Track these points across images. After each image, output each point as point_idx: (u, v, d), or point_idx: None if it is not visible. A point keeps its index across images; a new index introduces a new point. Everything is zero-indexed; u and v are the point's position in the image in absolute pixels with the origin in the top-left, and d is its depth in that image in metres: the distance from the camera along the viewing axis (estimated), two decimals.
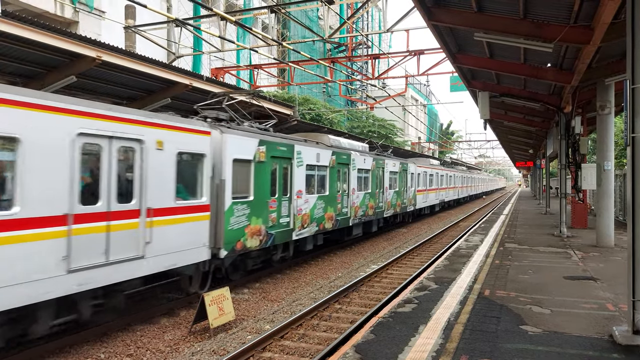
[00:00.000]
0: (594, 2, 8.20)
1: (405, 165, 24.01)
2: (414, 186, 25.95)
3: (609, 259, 11.36)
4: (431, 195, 30.52)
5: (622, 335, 5.65)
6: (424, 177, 28.46)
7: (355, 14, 20.70)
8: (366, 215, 18.13)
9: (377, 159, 19.42)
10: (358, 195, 17.12)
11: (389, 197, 21.01)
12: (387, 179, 20.67)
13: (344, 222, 16.17)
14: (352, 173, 16.56)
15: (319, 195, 14.31)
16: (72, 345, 7.33)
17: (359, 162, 17.24)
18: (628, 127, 5.59)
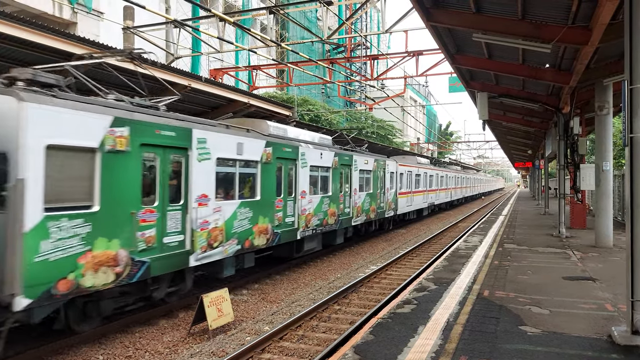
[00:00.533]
0: (592, 3, 8.22)
1: (382, 163, 20.43)
2: (395, 187, 22.58)
3: (608, 260, 11.37)
4: (417, 198, 27.20)
5: (621, 335, 5.65)
6: (408, 177, 25.26)
7: (353, 15, 20.71)
8: (325, 224, 14.53)
9: (342, 155, 15.89)
10: (311, 200, 13.70)
11: (359, 201, 17.46)
12: (356, 179, 17.20)
13: (289, 235, 12.41)
14: (301, 171, 13.01)
15: (243, 202, 10.36)
16: (70, 347, 7.31)
17: (312, 157, 13.71)
18: (626, 128, 5.59)
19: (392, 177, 22.09)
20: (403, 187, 24.01)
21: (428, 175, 30.17)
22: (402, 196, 23.81)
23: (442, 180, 35.08)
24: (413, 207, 26.57)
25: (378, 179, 19.82)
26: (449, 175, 38.34)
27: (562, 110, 15.46)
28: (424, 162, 31.25)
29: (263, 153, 11.21)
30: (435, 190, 32.75)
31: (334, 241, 15.90)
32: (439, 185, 33.79)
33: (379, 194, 19.91)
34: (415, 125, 62.12)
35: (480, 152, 74.75)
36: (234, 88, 14.05)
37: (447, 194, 37.85)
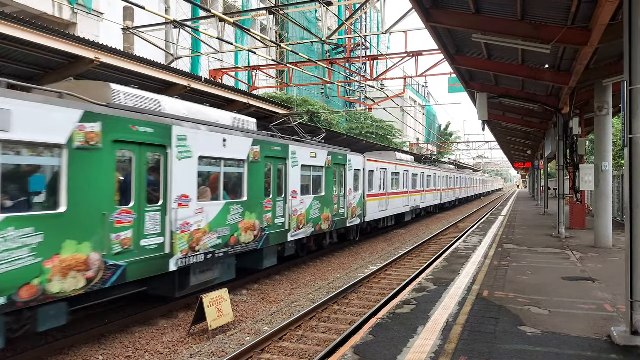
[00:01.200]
0: (592, 4, 8.23)
1: (341, 157, 16.07)
2: (362, 189, 18.28)
3: (607, 260, 11.38)
4: (395, 202, 22.82)
5: (620, 335, 5.66)
6: (382, 176, 20.97)
7: (353, 15, 20.71)
8: (233, 244, 10.02)
9: (267, 144, 11.44)
10: (207, 209, 9.28)
11: (302, 208, 13.05)
12: (295, 178, 12.77)
13: (151, 268, 8.12)
14: (175, 168, 8.55)
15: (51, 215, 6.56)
16: (70, 347, 7.31)
17: (207, 146, 9.37)
18: (626, 128, 5.60)
19: (358, 176, 17.98)
20: (374, 187, 19.68)
21: (410, 174, 25.87)
22: (372, 199, 19.43)
23: (429, 180, 30.77)
24: (389, 212, 21.91)
25: (334, 178, 15.49)
26: (438, 174, 34.05)
27: (561, 110, 15.48)
28: (407, 158, 26.91)
29: None
30: (421, 191, 28.34)
31: (257, 264, 11.56)
32: (425, 185, 29.45)
33: (336, 197, 15.55)
34: (415, 125, 62.16)
35: (479, 153, 74.77)
36: (233, 88, 14.08)
37: (436, 196, 33.47)
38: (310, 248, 14.71)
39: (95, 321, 8.33)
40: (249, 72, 24.83)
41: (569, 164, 16.43)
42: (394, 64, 20.74)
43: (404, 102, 51.06)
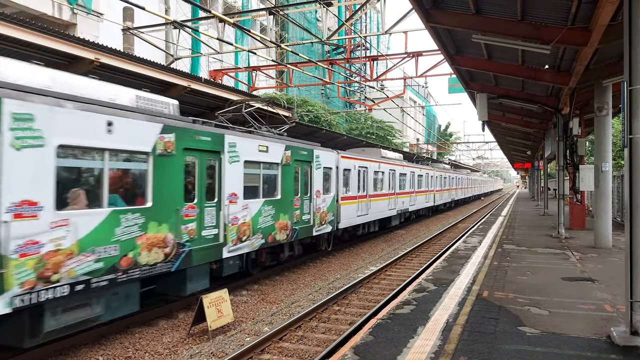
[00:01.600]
0: (592, 4, 8.24)
1: (305, 153, 13.46)
2: (335, 190, 15.67)
3: (607, 260, 11.38)
4: (378, 205, 19.96)
5: (620, 336, 5.66)
6: (362, 175, 18.23)
7: (353, 16, 20.72)
8: (129, 268, 7.57)
9: (188, 133, 8.90)
10: (67, 221, 6.65)
11: (245, 215, 10.53)
12: (234, 177, 10.24)
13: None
14: (32, 162, 6.26)
15: None
16: (70, 347, 7.31)
17: (92, 133, 7.07)
18: (625, 129, 5.61)
19: (330, 176, 15.41)
20: (350, 189, 17.05)
21: (397, 173, 23.04)
22: (349, 202, 16.70)
23: (420, 180, 28.11)
24: (371, 217, 19.21)
25: (296, 177, 12.92)
26: (431, 174, 31.17)
27: (561, 111, 15.49)
28: (394, 156, 24.29)
29: None
30: (410, 193, 25.68)
31: (177, 289, 9.15)
32: (416, 186, 26.78)
33: (298, 200, 12.94)
34: (415, 126, 62.18)
35: (479, 153, 74.76)
36: (233, 89, 14.07)
37: (429, 198, 30.58)
38: (263, 263, 12.12)
39: None
40: (249, 72, 24.84)
41: (568, 165, 16.44)
42: (394, 65, 20.76)
43: (403, 102, 51.07)
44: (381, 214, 20.75)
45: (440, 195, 34.71)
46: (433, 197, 31.84)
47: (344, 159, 16.64)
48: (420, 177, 27.99)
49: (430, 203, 31.24)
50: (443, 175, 35.45)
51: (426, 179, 29.77)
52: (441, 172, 34.92)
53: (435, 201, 32.54)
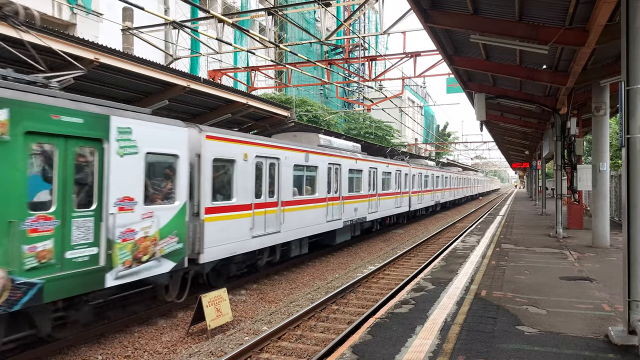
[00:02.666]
0: (589, 5, 8.28)
1: (76, 121, 6.92)
2: (186, 197, 8.97)
3: (605, 260, 11.42)
4: (302, 216, 13.59)
5: (617, 335, 5.69)
6: (265, 172, 11.85)
7: (352, 16, 20.76)
8: None
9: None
10: None
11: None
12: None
13: None
14: None
15: None
16: (69, 346, 7.32)
17: None
18: (623, 129, 5.64)
19: (175, 170, 8.81)
20: (235, 194, 10.56)
21: (345, 169, 16.63)
22: (229, 216, 10.30)
23: (388, 179, 22.03)
24: (286, 234, 12.68)
25: (49, 174, 6.72)
26: (406, 172, 25.21)
27: (559, 111, 15.54)
28: (344, 145, 17.77)
29: None
30: (370, 196, 19.30)
31: None
32: (380, 187, 20.51)
33: (51, 221, 6.56)
34: (413, 126, 62.24)
35: (477, 153, 74.83)
36: (232, 89, 14.08)
37: (402, 201, 24.32)
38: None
39: (95, 320, 8.34)
40: (248, 72, 24.83)
41: (566, 164, 16.49)
42: (392, 65, 20.79)
43: (402, 102, 51.12)
44: (308, 228, 13.87)
45: (420, 198, 28.35)
46: (408, 201, 25.65)
47: (215, 142, 9.79)
48: (387, 175, 21.59)
49: (404, 207, 24.97)
50: (424, 174, 29.80)
51: (397, 178, 23.59)
52: (421, 169, 29.12)
53: (411, 205, 26.20)
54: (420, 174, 28.47)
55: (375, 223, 21.02)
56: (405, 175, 25.11)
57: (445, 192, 37.84)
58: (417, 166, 28.20)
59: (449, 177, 39.73)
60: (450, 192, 40.27)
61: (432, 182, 32.01)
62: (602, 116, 13.33)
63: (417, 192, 27.93)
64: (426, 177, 30.37)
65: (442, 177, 36.01)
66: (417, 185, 27.75)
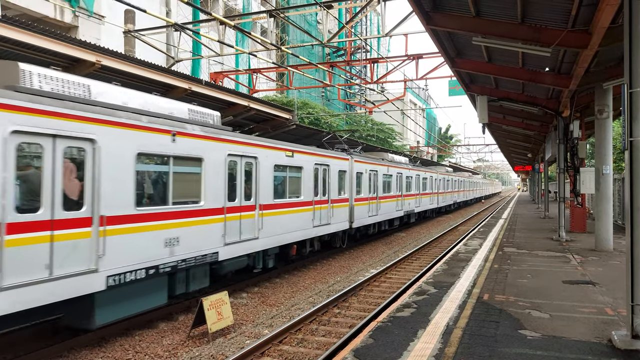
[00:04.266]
0: (592, 7, 8.25)
1: None
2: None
3: (608, 263, 11.36)
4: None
5: (621, 339, 5.64)
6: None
7: (353, 19, 20.76)
8: None
9: None
10: None
11: None
12: None
13: None
14: None
15: None
16: (70, 349, 7.30)
17: None
18: (626, 131, 5.60)
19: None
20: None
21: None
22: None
23: (329, 179, 15.38)
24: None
25: None
26: (370, 169, 19.00)
27: (561, 113, 15.48)
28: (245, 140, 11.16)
29: None
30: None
31: None
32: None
33: None
34: (415, 128, 62.18)
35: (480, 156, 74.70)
36: (234, 91, 14.08)
37: (360, 212, 18.04)
38: None
39: None
40: (250, 74, 24.87)
41: (569, 167, 16.42)
42: (394, 67, 20.78)
43: (404, 104, 51.09)
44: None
45: (388, 206, 21.50)
46: (376, 208, 19.74)
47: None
48: (324, 172, 15.19)
49: (372, 217, 19.14)
50: (399, 173, 23.19)
51: (350, 178, 17.18)
52: (393, 167, 22.34)
53: (380, 212, 20.19)
54: (373, 172, 19.59)
55: (314, 242, 14.86)
56: (363, 176, 18.57)
57: (428, 199, 30.28)
58: (388, 164, 21.62)
59: (436, 179, 32.63)
60: (438, 197, 33.10)
61: (406, 184, 24.59)
62: (605, 119, 13.28)
63: (387, 197, 20.77)
64: (398, 177, 23.08)
65: (425, 180, 28.91)
66: (387, 188, 21.12)
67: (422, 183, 28.58)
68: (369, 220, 19.09)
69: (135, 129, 7.86)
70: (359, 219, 17.94)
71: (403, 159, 26.22)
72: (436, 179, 33.11)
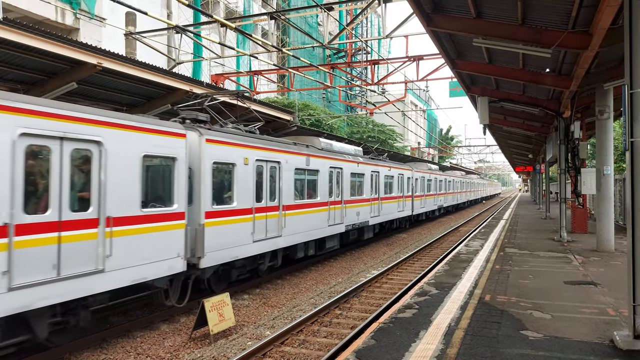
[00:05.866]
0: (592, 8, 8.26)
1: None
2: None
3: (609, 264, 11.35)
4: None
5: (623, 340, 5.64)
6: None
7: (354, 20, 20.80)
8: None
9: None
10: None
11: None
12: None
13: None
14: None
15: None
16: (71, 352, 7.31)
17: None
18: (627, 132, 5.61)
19: None
20: None
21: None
22: None
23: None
24: None
25: None
26: (315, 163, 14.18)
27: (562, 114, 15.48)
28: None
29: None
30: None
31: None
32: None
33: None
34: (416, 129, 62.20)
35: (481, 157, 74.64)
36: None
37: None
38: None
39: (97, 325, 8.33)
40: (251, 76, 24.88)
41: (570, 168, 16.42)
42: (395, 69, 20.79)
43: (405, 106, 51.13)
44: None
45: (330, 214, 15.18)
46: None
47: None
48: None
49: (307, 235, 13.67)
50: (368, 170, 18.49)
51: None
52: (349, 162, 16.74)
53: (313, 228, 14.09)
54: (331, 170, 15.31)
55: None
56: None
57: (393, 206, 22.17)
58: (335, 156, 15.77)
59: (414, 178, 25.99)
60: (397, 203, 23.13)
61: (375, 184, 19.49)
62: (606, 120, 13.28)
63: (293, 207, 12.97)
64: (358, 176, 17.72)
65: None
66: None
67: (383, 183, 20.70)
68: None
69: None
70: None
71: (352, 148, 18.48)
72: (409, 178, 24.85)
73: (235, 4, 33.76)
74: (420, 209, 27.20)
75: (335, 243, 16.03)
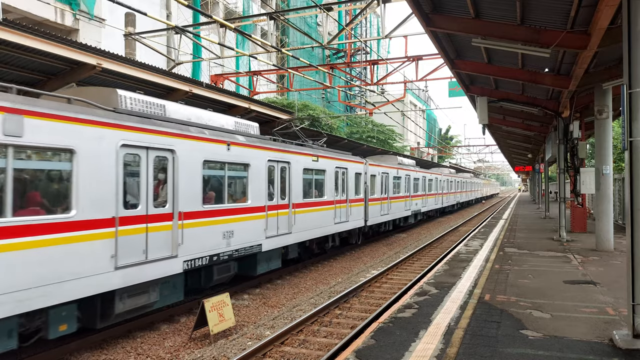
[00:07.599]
0: (591, 8, 8.27)
1: None
2: None
3: (609, 263, 11.37)
4: None
5: (622, 339, 5.65)
6: None
7: (353, 21, 20.80)
8: None
9: None
10: None
11: None
12: None
13: None
14: None
15: None
16: (71, 352, 7.32)
17: None
18: (626, 131, 5.62)
19: None
20: None
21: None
22: None
23: None
24: None
25: None
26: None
27: (561, 114, 15.50)
28: None
29: None
30: None
31: None
32: None
33: None
34: (416, 129, 62.23)
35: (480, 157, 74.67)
36: (234, 93, 14.13)
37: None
38: None
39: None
40: (250, 77, 24.90)
41: (569, 168, 16.43)
42: (394, 69, 20.81)
43: (404, 106, 51.15)
44: None
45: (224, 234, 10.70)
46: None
47: None
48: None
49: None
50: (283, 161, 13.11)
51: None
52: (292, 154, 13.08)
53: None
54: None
55: None
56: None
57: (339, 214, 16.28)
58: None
59: (398, 176, 23.29)
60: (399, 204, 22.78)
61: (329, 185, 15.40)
62: (605, 119, 13.30)
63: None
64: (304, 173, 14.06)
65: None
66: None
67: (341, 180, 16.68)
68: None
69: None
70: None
71: None
72: (358, 174, 18.26)
73: (234, 4, 33.77)
74: (379, 216, 20.44)
75: None
